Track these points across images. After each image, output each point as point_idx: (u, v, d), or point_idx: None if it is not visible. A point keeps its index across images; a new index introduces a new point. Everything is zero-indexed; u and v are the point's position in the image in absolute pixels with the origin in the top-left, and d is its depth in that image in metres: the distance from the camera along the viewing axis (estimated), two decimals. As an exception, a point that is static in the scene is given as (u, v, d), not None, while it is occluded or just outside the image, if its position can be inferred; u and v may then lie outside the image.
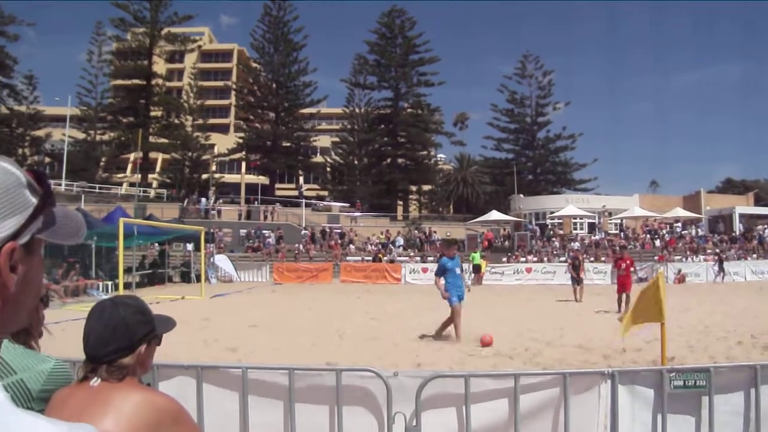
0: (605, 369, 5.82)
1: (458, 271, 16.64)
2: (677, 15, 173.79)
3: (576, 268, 32.39)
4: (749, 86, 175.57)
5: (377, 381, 5.49)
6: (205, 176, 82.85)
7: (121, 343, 2.56)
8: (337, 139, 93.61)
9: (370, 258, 50.82)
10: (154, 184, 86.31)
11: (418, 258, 52.16)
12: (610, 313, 22.38)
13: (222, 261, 45.28)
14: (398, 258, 51.28)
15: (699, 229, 63.33)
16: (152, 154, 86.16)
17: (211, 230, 48.30)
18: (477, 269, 43.45)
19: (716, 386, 5.65)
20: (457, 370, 9.56)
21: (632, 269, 25.26)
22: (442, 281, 16.26)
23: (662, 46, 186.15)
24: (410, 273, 45.62)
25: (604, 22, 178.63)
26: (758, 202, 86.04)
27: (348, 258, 51.39)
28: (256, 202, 73.51)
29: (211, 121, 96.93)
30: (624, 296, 23.08)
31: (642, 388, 5.70)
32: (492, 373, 6.55)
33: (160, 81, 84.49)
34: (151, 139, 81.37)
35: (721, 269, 45.00)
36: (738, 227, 65.10)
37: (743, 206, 73.96)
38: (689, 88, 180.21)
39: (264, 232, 57.00)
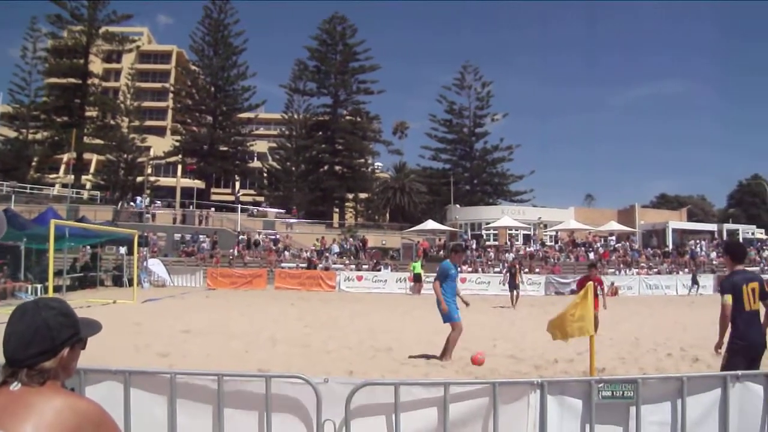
0: (534, 379, 5.88)
1: (456, 282, 14.54)
2: (617, 31, 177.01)
3: (513, 276, 33.16)
4: (685, 104, 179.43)
5: (307, 388, 5.47)
6: (140, 179, 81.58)
7: (43, 347, 2.51)
8: (274, 145, 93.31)
9: (305, 265, 50.65)
10: (88, 185, 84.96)
11: (353, 266, 52.11)
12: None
13: (155, 265, 44.67)
14: (333, 265, 51.17)
15: (633, 243, 64.06)
16: (86, 155, 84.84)
17: (145, 234, 47.66)
18: (417, 278, 43.60)
19: (644, 397, 5.73)
20: (387, 379, 9.59)
21: (600, 290, 19.07)
22: (441, 290, 14.10)
23: (601, 63, 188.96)
24: (345, 281, 45.61)
25: (546, 35, 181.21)
26: (691, 217, 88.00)
27: (283, 264, 51.13)
28: (191, 207, 73.07)
29: (148, 123, 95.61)
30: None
31: (571, 398, 5.75)
32: (422, 382, 6.60)
33: (96, 80, 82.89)
34: (86, 139, 79.73)
35: (695, 282, 46.01)
36: (671, 242, 66.15)
37: (676, 221, 75.88)
38: (627, 104, 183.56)
39: (199, 236, 56.51)
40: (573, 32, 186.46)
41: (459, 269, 15.17)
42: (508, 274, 35.75)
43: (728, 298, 8.45)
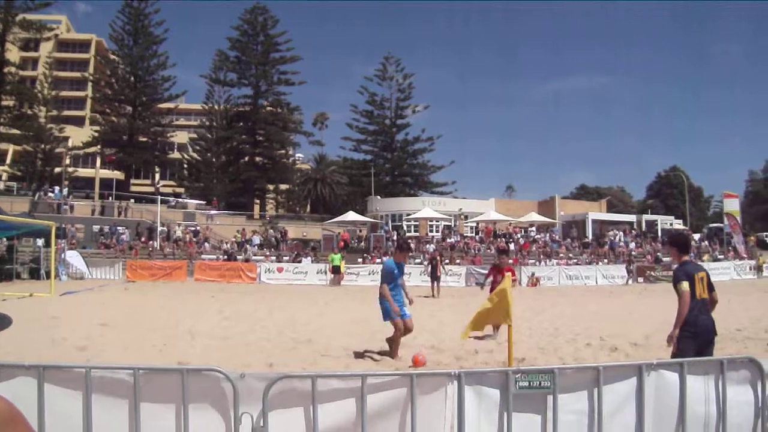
0: (452, 370, 5.86)
1: (401, 281, 14.05)
2: (538, 24, 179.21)
3: (434, 267, 33.77)
4: (605, 97, 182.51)
5: (224, 381, 5.43)
6: (58, 170, 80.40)
7: None
8: (194, 136, 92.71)
9: (226, 256, 50.59)
10: (4, 176, 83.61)
11: (274, 257, 52.12)
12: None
13: (73, 257, 44.05)
14: (254, 257, 51.12)
15: (553, 234, 64.92)
16: (2, 145, 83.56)
17: (63, 226, 47.06)
18: (336, 270, 43.89)
19: (561, 387, 5.82)
20: (304, 371, 9.47)
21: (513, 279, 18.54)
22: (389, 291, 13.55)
23: (522, 56, 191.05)
24: (265, 272, 45.50)
25: (468, 28, 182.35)
26: (611, 208, 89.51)
27: (203, 256, 50.93)
28: (110, 198, 72.13)
29: (66, 113, 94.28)
30: None
31: (488, 388, 5.79)
32: (339, 374, 6.60)
33: (13, 69, 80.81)
34: (2, 129, 78.23)
35: (630, 272, 47.18)
36: (590, 232, 67.50)
37: (596, 212, 76.97)
38: (547, 97, 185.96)
39: (118, 228, 55.95)
40: (495, 25, 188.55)
41: (401, 265, 14.13)
42: (429, 266, 36.48)
43: (686, 285, 8.61)
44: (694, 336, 8.44)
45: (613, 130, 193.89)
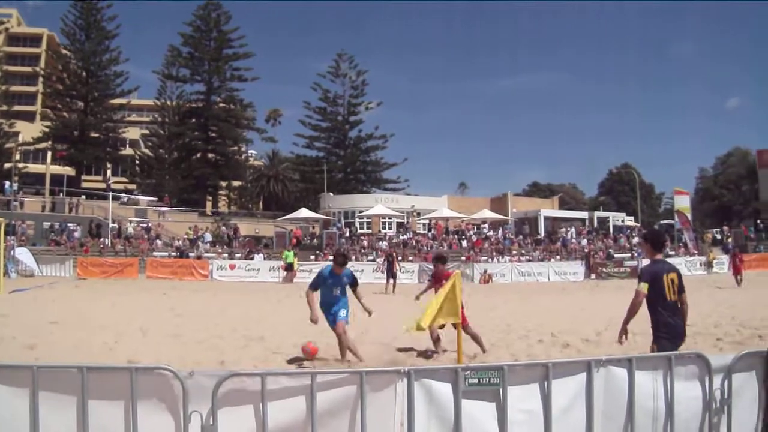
0: (401, 367, 5.91)
1: (337, 291, 13.24)
2: (490, 22, 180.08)
3: (390, 264, 34.16)
4: (558, 95, 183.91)
5: (173, 379, 5.41)
6: (7, 165, 79.25)
7: None
8: (147, 132, 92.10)
9: (178, 254, 50.49)
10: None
11: (226, 254, 52.09)
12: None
13: (23, 254, 43.52)
14: (206, 254, 51.06)
15: (505, 231, 65.28)
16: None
17: (13, 222, 46.69)
18: (289, 267, 44.00)
19: (511, 383, 5.86)
20: (253, 369, 9.60)
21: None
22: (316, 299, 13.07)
23: (475, 54, 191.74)
24: (218, 269, 45.51)
25: (421, 24, 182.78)
26: (563, 205, 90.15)
27: (155, 253, 50.70)
28: (61, 194, 71.51)
29: (17, 107, 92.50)
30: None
31: (438, 385, 5.81)
32: (288, 372, 6.72)
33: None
34: (-50, 124, 77.31)
35: (589, 267, 47.87)
36: (543, 229, 68.12)
37: (548, 209, 77.74)
38: (500, 93, 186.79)
39: (69, 225, 55.50)
40: (448, 23, 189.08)
41: (337, 276, 13.18)
42: (385, 263, 36.92)
43: (644, 287, 8.48)
44: (669, 338, 8.45)
45: (565, 127, 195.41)
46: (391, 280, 35.57)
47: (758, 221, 72.03)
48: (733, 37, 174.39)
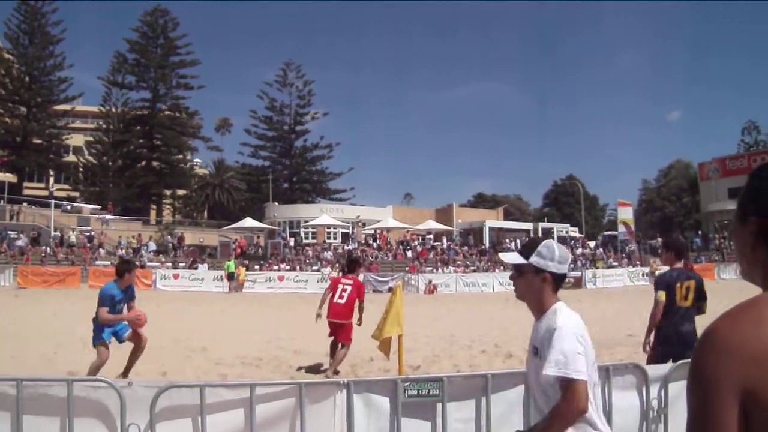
0: (341, 379, 5.93)
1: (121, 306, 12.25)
2: (436, 33, 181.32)
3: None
4: (503, 106, 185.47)
5: (111, 391, 5.35)
6: (-54, 172, 78.07)
7: None
8: (91, 139, 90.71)
9: (121, 263, 49.93)
10: None
11: (170, 264, 51.76)
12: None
13: (-39, 262, 43.14)
14: (149, 263, 50.67)
15: (450, 242, 65.31)
16: None
17: (-49, 230, 46.03)
18: (232, 277, 43.91)
19: (450, 395, 5.90)
20: (193, 380, 9.57)
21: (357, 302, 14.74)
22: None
23: (420, 64, 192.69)
24: (161, 279, 45.07)
25: (367, 35, 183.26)
26: (507, 216, 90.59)
27: (97, 262, 50.18)
28: (2, 201, 70.40)
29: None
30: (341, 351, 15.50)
31: (377, 397, 5.84)
32: (227, 384, 6.77)
33: None
34: None
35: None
36: (487, 240, 68.38)
37: (493, 220, 77.95)
38: (446, 104, 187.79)
39: (9, 232, 54.73)
40: (393, 34, 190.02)
41: (124, 291, 12.19)
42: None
43: (661, 295, 8.77)
44: (665, 343, 8.66)
45: (511, 138, 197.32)
46: None
47: (699, 232, 73.39)
48: (673, 50, 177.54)
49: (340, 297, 13.26)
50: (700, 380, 1.69)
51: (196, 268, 49.26)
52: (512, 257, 4.14)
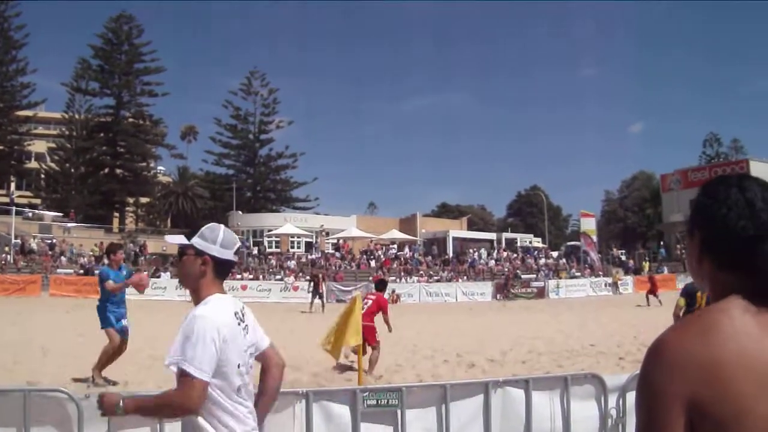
0: (300, 389, 5.93)
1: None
2: (399, 42, 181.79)
3: (316, 285, 35.22)
4: (467, 117, 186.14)
5: (69, 402, 5.30)
6: None
7: None
8: (53, 145, 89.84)
9: (83, 271, 49.53)
10: None
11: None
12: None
13: None
14: (112, 272, 50.06)
15: (414, 251, 65.42)
16: None
17: None
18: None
19: (409, 404, 5.93)
20: (153, 390, 9.89)
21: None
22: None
23: (384, 74, 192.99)
24: (123, 287, 44.76)
25: (330, 44, 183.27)
26: (471, 226, 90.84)
27: (59, 270, 49.71)
28: (-39, 209, 69.74)
29: None
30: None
31: (337, 406, 5.84)
32: None
33: None
34: None
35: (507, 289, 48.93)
36: (451, 250, 68.43)
37: (457, 230, 78.09)
38: (410, 114, 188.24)
39: (-33, 240, 54.11)
40: (356, 44, 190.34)
41: (120, 272, 13.39)
42: (311, 283, 37.79)
43: (681, 301, 9.77)
44: None
45: (475, 149, 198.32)
46: (318, 300, 36.56)
47: (661, 243, 74.19)
48: (637, 62, 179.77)
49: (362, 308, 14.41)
50: (648, 392, 1.74)
51: (158, 277, 48.81)
52: (176, 238, 3.99)
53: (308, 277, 43.53)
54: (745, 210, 1.76)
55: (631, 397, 6.45)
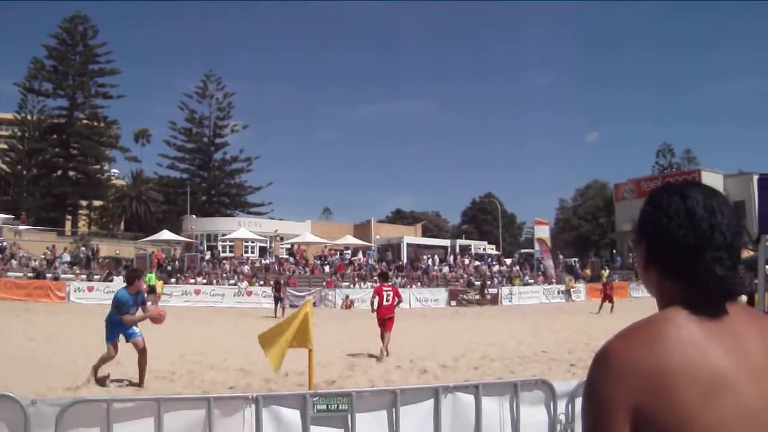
0: (249, 393, 6.04)
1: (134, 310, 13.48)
2: (354, 51, 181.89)
3: (278, 290, 35.78)
4: (422, 123, 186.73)
5: (15, 407, 5.24)
6: None
7: None
8: (5, 147, 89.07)
9: (34, 274, 48.98)
10: None
11: (84, 276, 50.84)
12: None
13: None
14: (63, 275, 49.71)
15: (368, 257, 65.52)
16: None
17: None
18: (152, 290, 43.31)
19: (359, 409, 5.95)
20: (99, 395, 9.56)
21: (396, 301, 19.64)
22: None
23: (340, 80, 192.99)
24: (75, 291, 44.27)
25: (285, 48, 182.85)
26: (426, 233, 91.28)
27: (9, 274, 49.08)
28: None
29: None
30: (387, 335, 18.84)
31: (287, 411, 5.86)
32: (134, 398, 6.67)
33: None
34: None
35: (483, 294, 49.59)
36: (405, 256, 68.53)
37: (411, 236, 78.66)
38: (365, 120, 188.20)
39: None
40: (311, 48, 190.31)
41: (134, 296, 13.52)
42: (274, 289, 38.39)
43: None
44: None
45: (430, 155, 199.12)
46: (280, 304, 37.34)
47: (614, 251, 75.03)
48: (593, 72, 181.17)
49: (387, 299, 18.99)
50: (593, 399, 1.76)
51: (111, 281, 48.33)
52: None
53: (271, 282, 43.77)
54: (685, 220, 1.81)
55: (580, 403, 6.73)
